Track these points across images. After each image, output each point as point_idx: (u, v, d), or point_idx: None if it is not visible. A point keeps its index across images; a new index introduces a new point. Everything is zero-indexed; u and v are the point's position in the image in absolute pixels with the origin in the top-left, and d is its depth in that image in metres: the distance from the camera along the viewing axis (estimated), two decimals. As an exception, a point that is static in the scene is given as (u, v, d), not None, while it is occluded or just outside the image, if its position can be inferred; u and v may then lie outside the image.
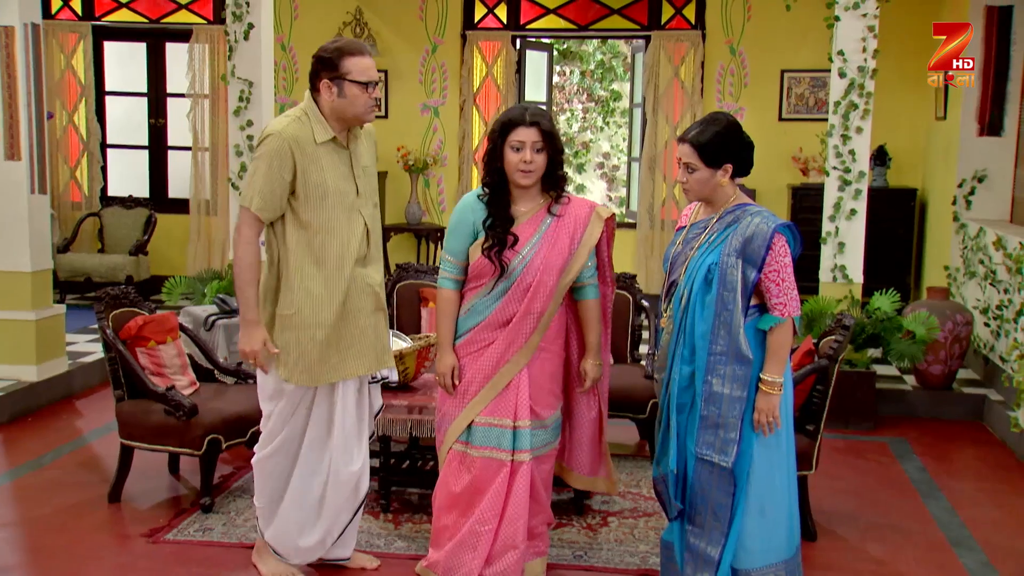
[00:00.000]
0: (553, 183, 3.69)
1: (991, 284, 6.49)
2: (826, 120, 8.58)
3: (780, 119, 8.91)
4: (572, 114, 14.00)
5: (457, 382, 3.73)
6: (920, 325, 6.07)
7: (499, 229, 3.63)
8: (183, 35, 9.49)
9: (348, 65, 3.41)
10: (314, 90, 3.48)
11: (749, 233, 3.39)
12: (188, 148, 9.55)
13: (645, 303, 5.67)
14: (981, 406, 6.27)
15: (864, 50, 6.24)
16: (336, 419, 3.60)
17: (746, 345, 3.40)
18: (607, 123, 13.74)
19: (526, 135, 3.58)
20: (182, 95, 9.56)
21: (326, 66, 3.43)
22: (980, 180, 7.34)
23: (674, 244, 3.66)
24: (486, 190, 3.69)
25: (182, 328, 4.97)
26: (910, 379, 6.70)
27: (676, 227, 3.78)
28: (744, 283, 3.39)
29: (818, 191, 8.15)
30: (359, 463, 3.69)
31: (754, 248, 3.37)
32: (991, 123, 7.22)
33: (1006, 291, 6.23)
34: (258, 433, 4.66)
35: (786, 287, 3.40)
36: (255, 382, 4.98)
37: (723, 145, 3.44)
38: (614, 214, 3.81)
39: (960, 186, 7.42)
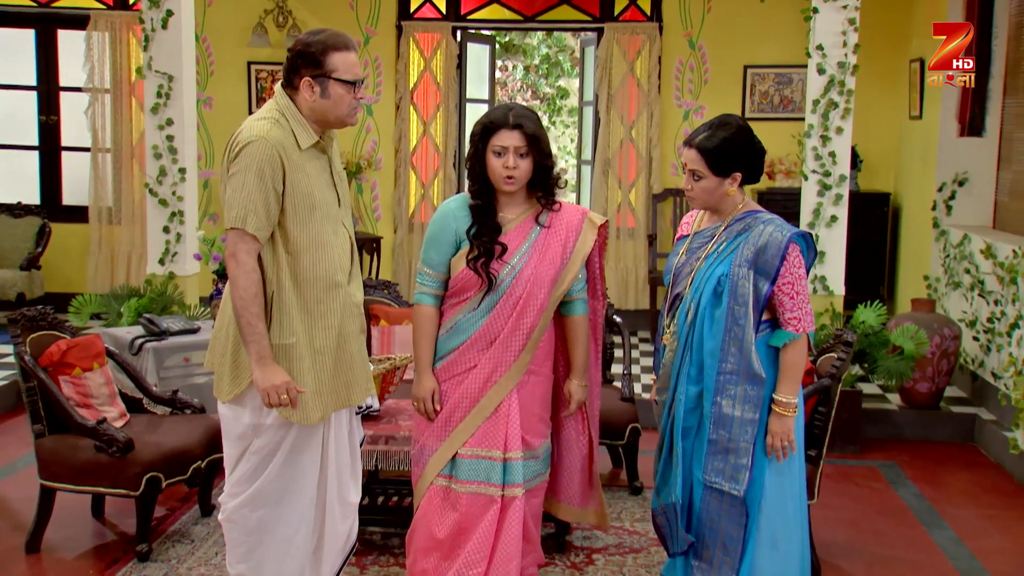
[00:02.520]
0: (542, 187, 3.70)
1: (979, 295, 6.68)
2: (792, 120, 8.84)
3: (743, 118, 9.03)
4: (516, 113, 14.03)
5: (438, 408, 3.70)
6: (908, 340, 6.22)
7: (486, 238, 3.63)
8: (78, 21, 9.26)
9: (335, 61, 3.31)
10: (290, 87, 3.37)
11: (762, 243, 3.44)
12: (86, 149, 9.31)
13: (617, 319, 5.71)
14: (972, 426, 6.45)
15: (844, 44, 6.41)
16: (330, 454, 3.49)
17: (758, 363, 3.44)
18: (553, 122, 13.83)
19: (509, 139, 3.59)
20: (78, 89, 9.32)
21: (308, 62, 3.31)
22: (961, 184, 7.55)
23: (676, 254, 3.69)
24: (472, 197, 3.69)
25: (109, 353, 4.84)
26: (894, 398, 6.86)
27: (676, 236, 3.81)
28: (756, 296, 3.44)
29: (786, 196, 8.32)
30: (356, 497, 3.61)
31: (767, 259, 3.42)
32: (972, 123, 7.45)
33: (996, 303, 6.42)
34: (200, 471, 4.63)
35: (800, 300, 3.46)
36: (193, 412, 4.91)
37: (733, 152, 3.50)
38: (607, 221, 3.83)
39: (940, 190, 7.63)
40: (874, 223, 8.68)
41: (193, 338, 5.50)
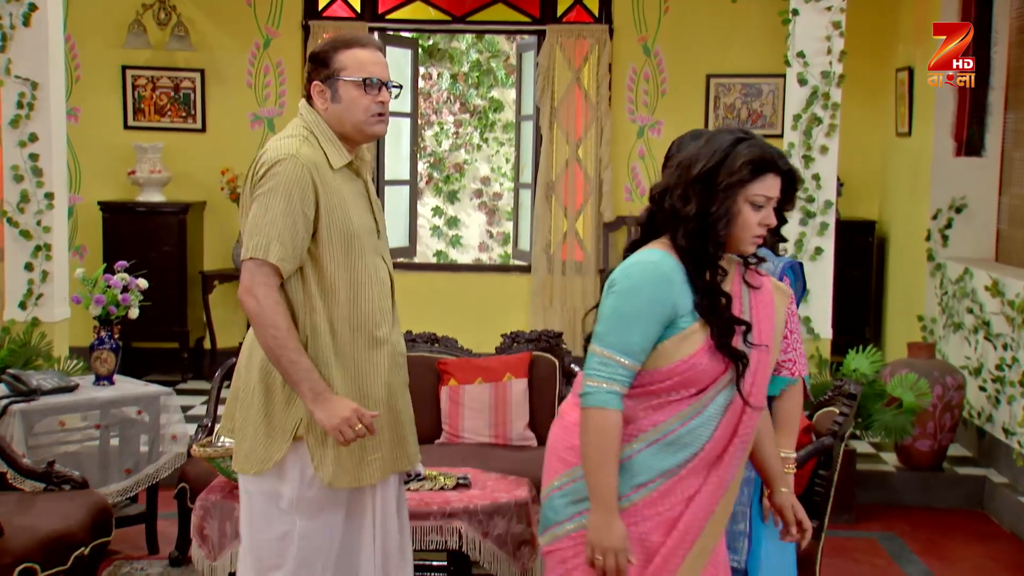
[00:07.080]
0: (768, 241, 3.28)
1: (985, 338, 6.81)
2: (764, 137, 8.89)
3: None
4: (441, 128, 14.03)
5: (633, 561, 2.99)
6: (908, 391, 6.29)
7: (727, 314, 3.02)
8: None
9: (342, 59, 3.36)
10: (309, 99, 3.45)
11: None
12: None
13: (575, 368, 5.70)
14: (981, 490, 6.55)
15: (829, 51, 6.53)
16: (376, 532, 3.46)
17: (754, 415, 3.45)
18: (485, 139, 13.81)
19: (775, 188, 3.03)
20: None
21: (317, 64, 3.40)
22: (959, 210, 7.71)
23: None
24: (693, 257, 3.04)
25: (-33, 417, 4.69)
26: (890, 458, 6.94)
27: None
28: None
29: (760, 225, 8.42)
30: None
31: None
32: (970, 141, 7.62)
33: (1006, 347, 6.54)
34: (83, 559, 4.49)
35: (794, 340, 3.47)
36: (73, 487, 4.77)
37: None
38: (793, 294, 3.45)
39: (935, 217, 7.78)
40: (858, 255, 8.80)
41: (69, 398, 5.35)
